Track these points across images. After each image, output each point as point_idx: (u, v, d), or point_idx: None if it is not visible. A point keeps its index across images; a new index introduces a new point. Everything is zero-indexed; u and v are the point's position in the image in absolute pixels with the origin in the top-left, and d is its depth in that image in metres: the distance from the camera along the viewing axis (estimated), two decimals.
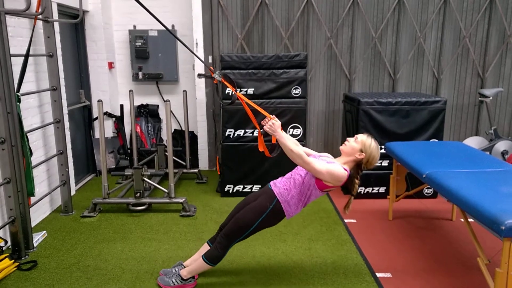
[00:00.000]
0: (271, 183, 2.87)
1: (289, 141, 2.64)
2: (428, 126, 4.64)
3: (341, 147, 2.83)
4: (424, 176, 3.08)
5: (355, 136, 2.81)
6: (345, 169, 2.69)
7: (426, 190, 4.73)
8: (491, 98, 5.43)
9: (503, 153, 5.41)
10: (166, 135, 5.97)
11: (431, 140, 4.60)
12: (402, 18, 5.66)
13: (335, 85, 5.85)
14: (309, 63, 5.63)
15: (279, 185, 2.81)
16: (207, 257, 2.85)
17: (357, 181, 2.80)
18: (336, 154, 5.49)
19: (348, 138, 2.83)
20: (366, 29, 5.69)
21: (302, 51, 5.44)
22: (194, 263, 2.97)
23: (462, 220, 4.07)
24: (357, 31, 5.70)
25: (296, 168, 2.85)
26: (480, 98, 5.59)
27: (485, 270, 2.50)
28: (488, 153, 5.22)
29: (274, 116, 2.74)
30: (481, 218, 2.33)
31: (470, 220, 3.55)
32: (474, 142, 5.56)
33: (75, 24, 5.30)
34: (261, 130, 2.80)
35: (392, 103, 4.59)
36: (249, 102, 3.00)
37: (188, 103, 5.52)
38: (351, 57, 5.76)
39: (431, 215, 4.32)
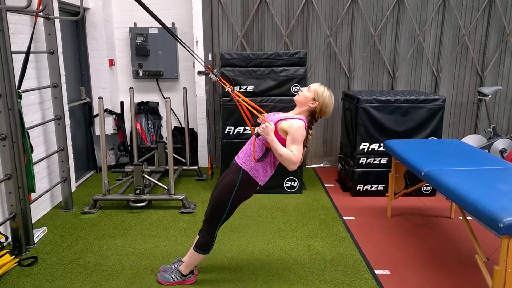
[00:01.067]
0: (235, 157, 2.85)
1: (279, 146, 2.64)
2: (427, 124, 4.66)
3: (294, 97, 2.79)
4: (422, 173, 3.10)
5: (308, 85, 2.79)
6: (300, 119, 2.66)
7: (425, 187, 4.75)
8: (490, 96, 5.45)
9: (502, 151, 5.43)
10: (166, 132, 5.98)
11: (430, 138, 4.61)
12: (401, 16, 5.67)
13: (334, 83, 5.86)
14: (308, 61, 5.64)
15: (241, 156, 2.80)
16: (197, 247, 2.89)
17: (310, 131, 2.78)
18: (334, 152, 5.49)
19: (301, 88, 2.81)
20: (366, 27, 5.70)
21: (301, 49, 5.45)
22: (189, 256, 2.99)
23: (461, 218, 4.10)
24: (357, 29, 5.71)
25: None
26: (479, 97, 5.61)
27: (483, 267, 2.51)
28: (486, 151, 5.24)
29: (269, 115, 2.75)
30: (480, 215, 2.34)
31: (469, 218, 3.57)
32: (472, 140, 5.58)
33: (75, 21, 5.30)
34: (255, 133, 2.78)
35: (391, 101, 4.60)
36: (246, 100, 2.98)
37: (188, 101, 5.53)
38: (350, 55, 5.77)
39: (430, 212, 4.34)
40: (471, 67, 5.88)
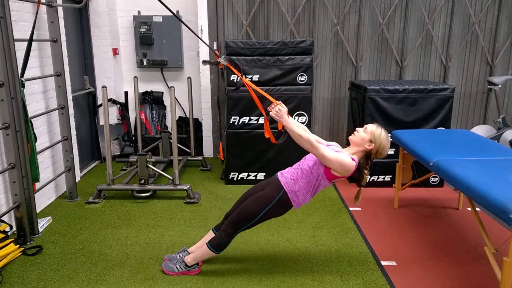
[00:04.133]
0: (279, 173, 2.84)
1: (296, 127, 2.60)
2: (436, 114, 4.58)
3: (350, 137, 2.78)
4: (431, 164, 3.05)
5: (365, 126, 2.75)
6: (353, 159, 2.64)
7: (432, 178, 4.70)
8: (500, 86, 5.35)
9: (511, 142, 5.34)
10: (170, 122, 5.96)
11: (439, 128, 4.55)
12: (410, 4, 5.56)
13: (341, 72, 5.78)
14: (315, 50, 5.56)
15: (286, 175, 2.78)
16: (212, 245, 2.85)
17: (366, 171, 2.77)
18: (341, 141, 5.44)
19: (357, 128, 2.77)
20: (374, 16, 5.60)
21: (308, 38, 5.36)
22: (199, 250, 2.96)
23: (469, 209, 4.05)
24: (364, 17, 5.61)
25: (304, 158, 2.82)
26: (488, 86, 5.51)
27: (492, 259, 2.48)
28: (496, 141, 5.16)
29: (280, 102, 2.70)
30: (489, 206, 2.30)
31: (477, 209, 3.52)
32: (482, 130, 5.50)
33: (79, 9, 5.25)
34: (267, 117, 2.76)
35: (399, 91, 4.53)
36: (255, 87, 2.96)
37: (192, 90, 5.49)
38: (357, 44, 5.68)
39: (437, 204, 4.29)
40: (481, 56, 5.77)
